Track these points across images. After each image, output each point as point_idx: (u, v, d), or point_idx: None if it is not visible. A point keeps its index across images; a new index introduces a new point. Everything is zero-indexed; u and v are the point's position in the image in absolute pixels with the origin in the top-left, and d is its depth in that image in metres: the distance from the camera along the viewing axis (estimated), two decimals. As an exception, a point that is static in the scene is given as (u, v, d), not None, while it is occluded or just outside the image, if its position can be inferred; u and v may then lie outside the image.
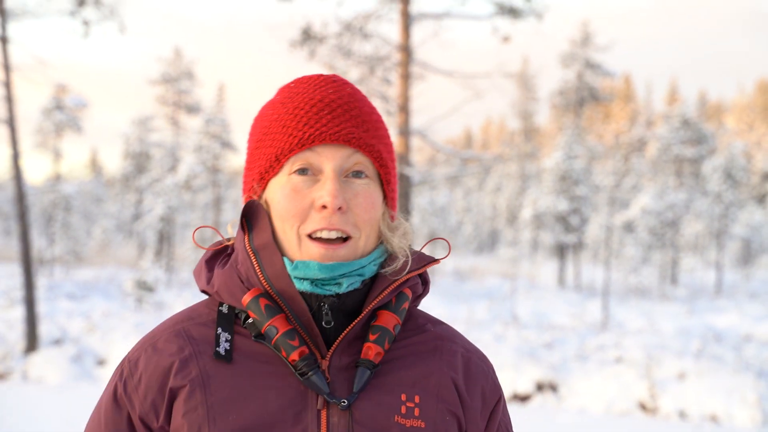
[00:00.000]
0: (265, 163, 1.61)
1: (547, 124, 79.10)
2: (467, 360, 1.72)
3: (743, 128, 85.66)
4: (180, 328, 1.68)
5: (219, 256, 1.76)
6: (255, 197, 1.67)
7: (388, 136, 1.68)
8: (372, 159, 1.60)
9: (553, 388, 13.71)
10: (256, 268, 1.61)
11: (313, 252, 1.57)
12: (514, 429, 1.84)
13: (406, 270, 1.64)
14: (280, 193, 1.59)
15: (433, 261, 1.71)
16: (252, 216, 1.67)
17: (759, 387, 12.71)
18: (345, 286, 1.59)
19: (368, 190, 1.59)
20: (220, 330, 1.64)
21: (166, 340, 1.67)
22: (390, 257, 1.66)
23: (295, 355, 1.57)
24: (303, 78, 1.65)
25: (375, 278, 1.65)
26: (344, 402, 1.56)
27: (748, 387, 12.71)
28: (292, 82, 1.66)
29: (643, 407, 13.01)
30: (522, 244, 53.00)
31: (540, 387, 13.75)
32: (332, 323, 1.60)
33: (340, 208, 1.55)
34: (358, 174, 1.59)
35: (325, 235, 1.56)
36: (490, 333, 18.53)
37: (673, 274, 42.83)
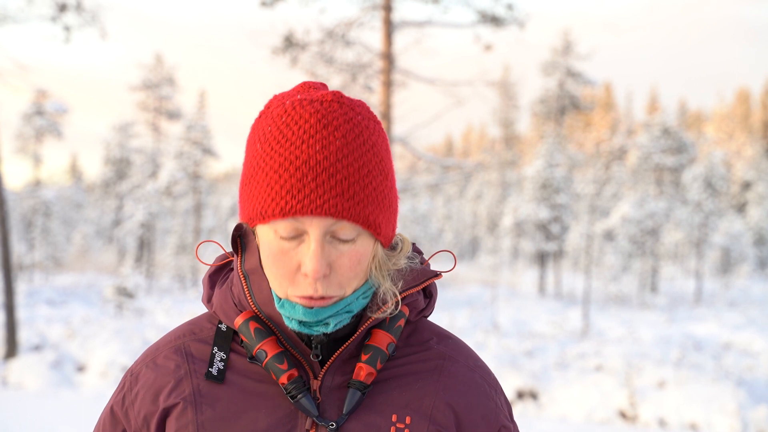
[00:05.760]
0: (251, 211, 1.56)
1: (528, 132, 79.32)
2: (469, 380, 1.68)
3: (723, 137, 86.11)
4: (180, 343, 1.70)
5: (222, 270, 1.75)
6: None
7: (383, 179, 1.58)
8: (359, 224, 1.53)
9: (534, 396, 13.73)
10: (246, 292, 1.62)
11: (299, 302, 1.55)
12: None
13: (398, 308, 1.63)
14: (267, 249, 1.56)
15: (434, 276, 1.69)
16: (244, 236, 1.66)
17: (738, 395, 12.76)
18: (332, 326, 1.57)
19: (354, 249, 1.54)
20: (215, 349, 1.65)
21: (165, 357, 1.68)
22: (384, 297, 1.63)
23: (284, 379, 1.58)
24: (297, 110, 1.54)
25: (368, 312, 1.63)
26: (332, 425, 1.56)
27: (727, 395, 12.75)
28: (286, 111, 1.56)
29: (623, 415, 13.04)
30: (503, 251, 53.09)
31: (520, 395, 13.76)
32: (320, 357, 1.60)
33: (323, 275, 1.52)
34: (344, 238, 1.54)
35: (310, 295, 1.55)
36: (471, 341, 18.54)
37: (653, 283, 42.99)
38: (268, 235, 1.55)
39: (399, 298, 1.63)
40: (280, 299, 1.58)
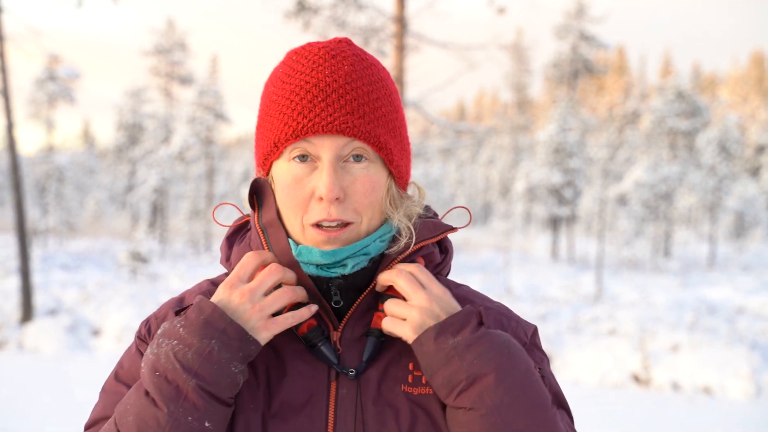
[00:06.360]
0: (266, 147, 1.60)
1: (540, 97, 79.09)
2: (484, 317, 1.65)
3: (737, 101, 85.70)
4: (206, 292, 1.71)
5: (240, 231, 1.78)
6: (262, 174, 1.66)
7: (392, 111, 1.62)
8: (369, 144, 1.56)
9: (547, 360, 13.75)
10: (264, 245, 1.63)
11: (316, 238, 1.56)
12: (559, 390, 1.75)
13: (413, 243, 1.63)
14: (282, 181, 1.58)
15: (449, 230, 1.70)
16: (260, 192, 1.68)
17: (752, 359, 12.76)
18: (350, 267, 1.58)
19: (367, 174, 1.57)
20: None
21: (191, 301, 1.69)
22: (399, 232, 1.65)
23: (303, 328, 1.59)
24: (306, 48, 1.61)
25: (383, 254, 1.65)
26: (352, 371, 1.57)
27: (741, 359, 12.76)
28: (296, 52, 1.62)
29: (636, 379, 13.07)
30: (515, 216, 53.03)
31: (534, 359, 13.78)
32: (341, 303, 1.62)
33: (337, 198, 1.53)
34: (357, 158, 1.56)
35: (325, 224, 1.55)
36: (484, 305, 18.57)
37: (666, 247, 42.92)
38: (282, 168, 1.59)
39: (413, 233, 1.63)
40: (297, 246, 1.59)
